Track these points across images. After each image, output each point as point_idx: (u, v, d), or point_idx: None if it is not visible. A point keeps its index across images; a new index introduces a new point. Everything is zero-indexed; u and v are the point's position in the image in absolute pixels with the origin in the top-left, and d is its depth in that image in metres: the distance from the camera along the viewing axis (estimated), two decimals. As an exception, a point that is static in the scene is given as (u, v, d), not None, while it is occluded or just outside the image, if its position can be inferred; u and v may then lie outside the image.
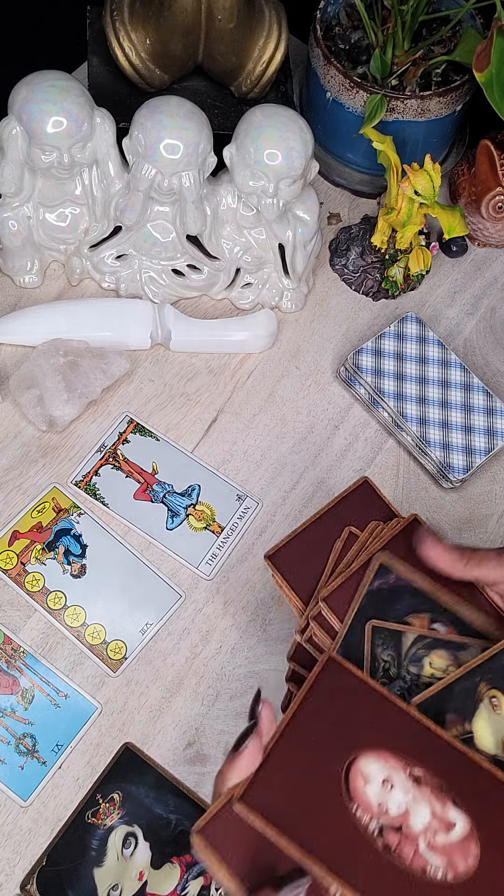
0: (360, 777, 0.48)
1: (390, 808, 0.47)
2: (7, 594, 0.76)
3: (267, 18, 0.90)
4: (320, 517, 0.64)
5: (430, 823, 0.46)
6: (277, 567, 0.61)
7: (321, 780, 0.47)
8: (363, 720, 0.50)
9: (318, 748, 0.49)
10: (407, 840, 0.46)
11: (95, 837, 0.69)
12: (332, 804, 0.46)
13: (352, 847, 0.45)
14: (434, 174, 0.82)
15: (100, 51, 0.94)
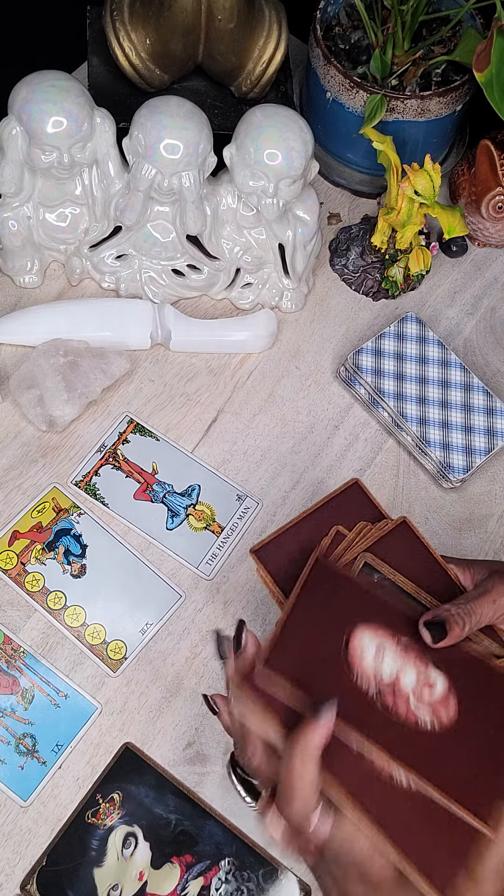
0: (357, 650, 0.56)
1: (384, 673, 0.55)
2: (7, 594, 0.76)
3: (267, 18, 0.90)
4: (309, 515, 0.64)
5: (416, 683, 0.55)
6: (262, 561, 0.62)
7: (325, 658, 0.55)
8: (352, 606, 0.58)
9: (318, 631, 0.56)
10: (400, 698, 0.54)
11: (95, 837, 0.69)
12: (336, 677, 0.54)
13: (359, 710, 0.52)
14: (434, 174, 0.82)
15: (100, 51, 0.94)
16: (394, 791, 0.51)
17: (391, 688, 0.54)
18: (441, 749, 0.53)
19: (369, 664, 0.55)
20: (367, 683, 0.54)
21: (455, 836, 0.50)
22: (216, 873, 0.68)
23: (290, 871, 0.69)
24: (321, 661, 0.54)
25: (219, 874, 0.68)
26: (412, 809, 0.51)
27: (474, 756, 0.53)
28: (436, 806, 0.51)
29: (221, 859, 0.69)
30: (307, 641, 0.55)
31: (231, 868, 0.68)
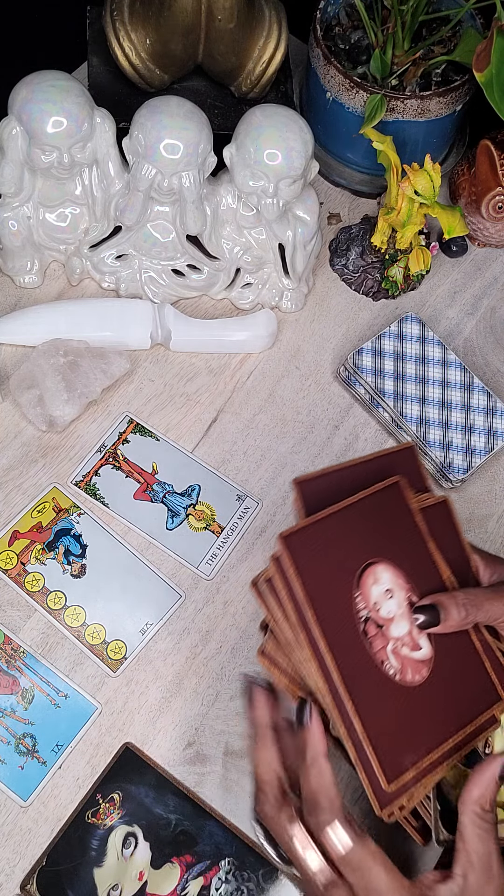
0: (373, 576, 0.58)
1: (381, 609, 0.58)
2: (7, 594, 0.76)
3: (267, 18, 0.90)
4: (358, 464, 0.64)
5: (403, 637, 0.58)
6: (302, 492, 0.62)
7: (345, 561, 0.58)
8: (398, 539, 0.60)
9: (351, 539, 0.58)
10: (381, 637, 0.57)
11: (95, 837, 0.69)
12: (342, 582, 0.57)
13: (342, 619, 0.56)
14: (434, 174, 0.82)
15: (100, 51, 0.94)
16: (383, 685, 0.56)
17: (380, 622, 0.58)
18: (386, 697, 0.56)
19: (375, 594, 0.58)
20: (364, 605, 0.57)
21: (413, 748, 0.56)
22: (216, 873, 0.68)
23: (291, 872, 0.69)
24: (336, 562, 0.57)
25: (219, 874, 0.68)
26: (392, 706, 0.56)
27: (408, 721, 0.57)
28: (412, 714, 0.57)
29: (221, 859, 0.69)
30: (336, 540, 0.58)
31: (231, 868, 0.69)
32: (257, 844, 0.70)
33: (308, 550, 0.56)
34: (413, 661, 0.58)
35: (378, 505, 0.60)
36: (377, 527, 0.60)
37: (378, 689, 0.56)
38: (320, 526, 0.58)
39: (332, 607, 0.56)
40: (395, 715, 0.56)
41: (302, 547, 0.56)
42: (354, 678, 0.55)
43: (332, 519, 0.58)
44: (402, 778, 0.55)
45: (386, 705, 0.56)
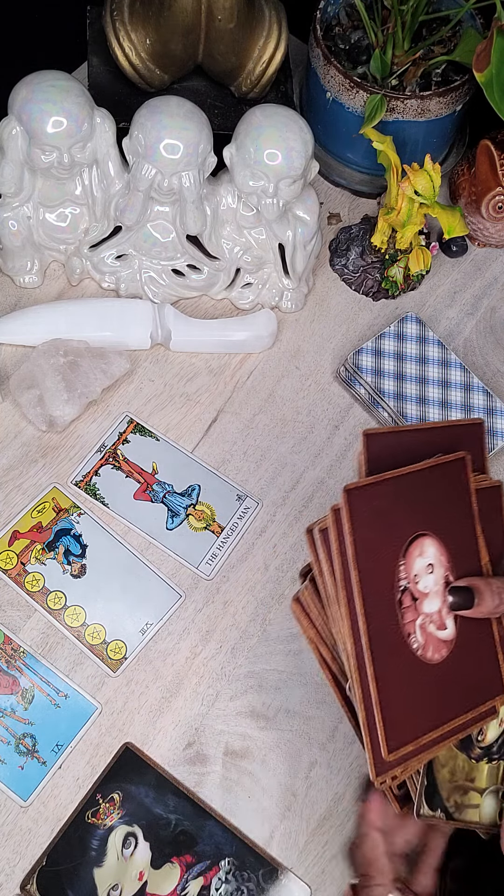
0: (420, 548, 0.59)
1: (420, 583, 0.59)
2: (7, 594, 0.76)
3: (267, 18, 0.90)
4: (427, 429, 0.65)
5: (433, 614, 0.59)
6: (367, 446, 0.62)
7: (397, 527, 0.59)
8: (450, 516, 0.61)
9: (412, 505, 0.59)
10: (413, 610, 0.58)
11: (95, 837, 0.69)
12: (391, 549, 0.58)
13: (383, 585, 0.57)
14: (434, 174, 0.82)
15: (100, 51, 0.94)
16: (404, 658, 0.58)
17: (415, 596, 0.58)
18: (405, 669, 0.57)
19: (418, 566, 0.59)
20: (405, 575, 0.58)
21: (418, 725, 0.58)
22: (216, 873, 0.68)
23: (291, 872, 0.69)
24: (389, 527, 0.58)
25: (219, 874, 0.68)
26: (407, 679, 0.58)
27: (418, 696, 0.58)
28: (427, 694, 0.58)
29: (221, 859, 0.69)
30: (394, 504, 0.59)
31: (231, 868, 0.68)
32: (257, 845, 0.70)
33: (367, 509, 0.57)
34: (436, 640, 0.59)
35: (440, 477, 0.61)
36: (434, 499, 0.61)
37: (399, 661, 0.57)
38: (383, 487, 0.58)
39: (377, 571, 0.57)
40: (408, 688, 0.57)
41: (362, 504, 0.57)
42: (381, 645, 0.56)
43: (395, 482, 0.59)
44: (402, 750, 0.56)
45: (402, 677, 0.57)
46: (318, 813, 0.72)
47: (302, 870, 0.70)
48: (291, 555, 0.81)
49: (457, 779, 0.62)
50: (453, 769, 0.62)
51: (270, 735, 0.74)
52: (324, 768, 0.73)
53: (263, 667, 0.76)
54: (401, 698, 0.57)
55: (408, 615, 0.58)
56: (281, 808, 0.72)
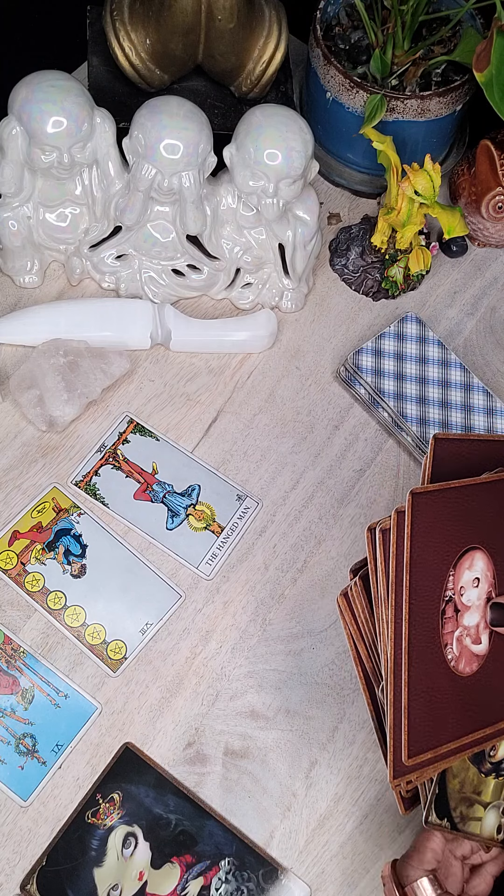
0: (471, 561, 0.60)
1: (465, 596, 0.60)
2: (7, 594, 0.76)
3: (267, 18, 0.90)
4: (496, 441, 0.65)
5: (471, 627, 0.60)
6: (436, 451, 0.63)
7: (454, 538, 0.60)
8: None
9: (470, 517, 0.60)
10: (453, 621, 0.59)
11: (95, 837, 0.69)
12: (444, 558, 0.59)
13: (431, 593, 0.58)
14: (434, 174, 0.82)
15: (100, 51, 0.94)
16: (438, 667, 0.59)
17: (458, 608, 0.60)
18: (436, 678, 0.58)
19: (466, 579, 0.60)
20: (452, 585, 0.60)
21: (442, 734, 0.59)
22: (216, 873, 0.68)
23: (291, 872, 0.69)
24: (447, 536, 0.59)
25: (219, 874, 0.68)
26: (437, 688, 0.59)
27: (445, 706, 0.59)
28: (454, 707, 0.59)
29: (221, 859, 0.69)
30: (455, 514, 0.60)
31: (231, 868, 0.68)
32: (257, 845, 0.70)
33: (429, 515, 0.58)
34: (470, 653, 0.60)
35: (501, 492, 0.62)
36: (493, 514, 0.61)
37: (433, 669, 0.58)
38: (447, 495, 0.59)
39: (428, 579, 0.58)
40: (436, 696, 0.58)
41: (425, 510, 0.58)
42: (419, 652, 0.57)
43: (459, 492, 0.60)
44: (422, 756, 0.57)
45: (433, 686, 0.58)
46: (318, 813, 0.72)
47: (302, 870, 0.70)
48: (291, 555, 0.81)
49: (465, 791, 0.63)
50: (463, 780, 0.63)
51: (270, 735, 0.74)
52: (324, 768, 0.73)
53: (263, 667, 0.76)
54: (428, 706, 0.58)
55: (448, 626, 0.59)
56: (281, 808, 0.72)
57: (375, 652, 0.62)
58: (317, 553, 0.81)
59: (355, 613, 0.62)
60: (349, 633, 0.62)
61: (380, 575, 0.59)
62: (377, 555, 0.59)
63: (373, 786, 0.73)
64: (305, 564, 0.81)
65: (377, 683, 0.62)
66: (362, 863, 0.70)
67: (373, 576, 0.60)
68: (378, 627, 0.60)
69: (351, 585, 0.62)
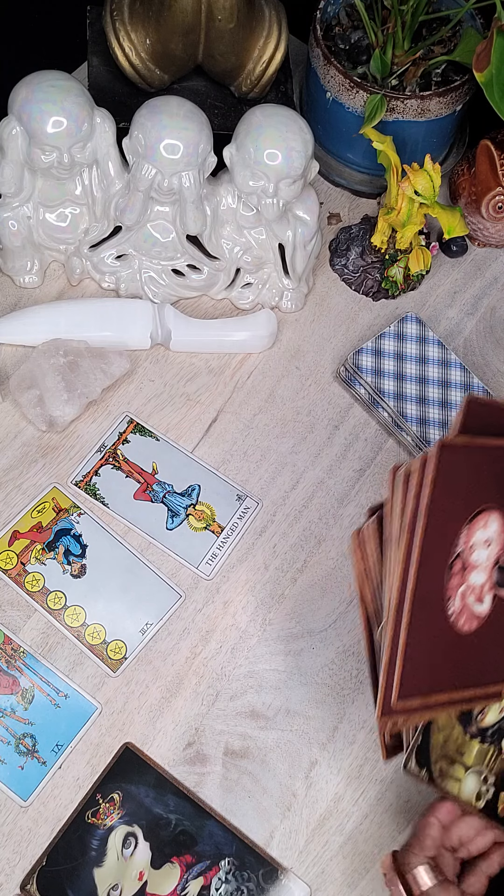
0: (485, 520, 0.61)
1: (474, 554, 0.61)
2: (7, 594, 0.76)
3: (267, 18, 0.90)
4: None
5: (475, 586, 0.61)
6: (468, 410, 0.63)
7: (472, 494, 0.61)
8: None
9: (491, 478, 0.61)
10: (459, 577, 0.60)
11: (95, 837, 0.69)
12: (460, 512, 0.60)
13: (443, 544, 0.60)
14: (434, 174, 0.82)
15: (100, 51, 0.94)
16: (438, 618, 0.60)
17: (466, 564, 0.61)
18: (435, 629, 0.59)
19: (477, 537, 0.61)
20: (464, 541, 0.61)
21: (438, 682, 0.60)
22: (216, 873, 0.68)
23: (291, 872, 0.69)
24: (466, 491, 0.60)
25: (219, 874, 0.68)
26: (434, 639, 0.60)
27: (439, 658, 0.60)
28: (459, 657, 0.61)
29: (221, 859, 0.69)
30: (477, 471, 0.61)
31: (231, 868, 0.69)
32: (257, 845, 0.70)
33: (453, 468, 0.59)
34: (471, 612, 0.61)
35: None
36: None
37: (433, 619, 0.59)
38: (474, 451, 0.60)
39: (441, 529, 0.59)
40: (433, 646, 0.59)
41: (450, 461, 0.59)
42: (423, 598, 0.58)
43: (486, 452, 0.61)
44: (410, 702, 0.58)
45: (431, 635, 0.59)
46: (318, 813, 0.72)
47: (302, 870, 0.70)
48: (291, 555, 0.81)
49: (448, 748, 0.64)
50: (447, 737, 0.64)
51: (270, 735, 0.74)
52: (324, 768, 0.73)
53: (263, 667, 0.76)
54: (424, 654, 0.59)
55: (454, 580, 0.60)
56: (281, 808, 0.72)
57: (380, 593, 0.63)
58: (317, 553, 0.81)
59: (365, 552, 0.63)
60: (358, 571, 0.63)
61: (396, 516, 0.60)
62: (396, 496, 0.60)
63: (373, 786, 0.73)
64: (305, 564, 0.81)
65: (377, 625, 0.63)
66: (362, 863, 0.70)
67: (388, 516, 0.61)
68: (386, 568, 0.61)
69: (366, 524, 0.63)
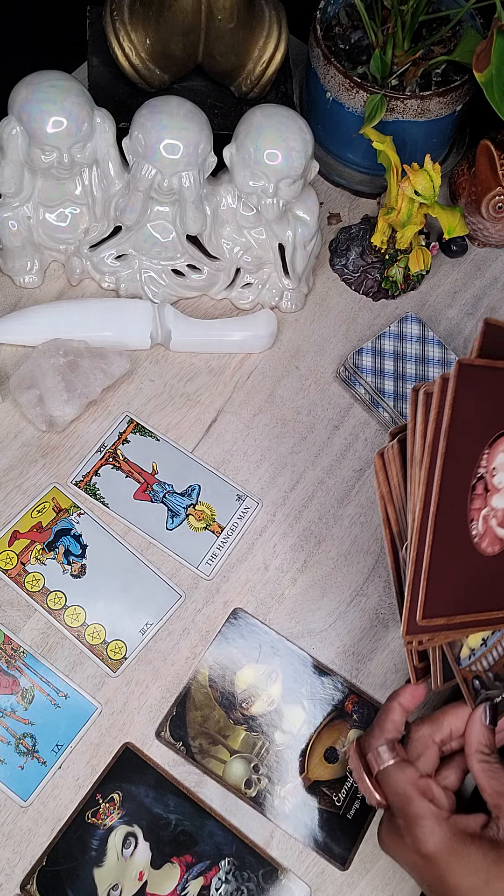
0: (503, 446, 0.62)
1: (496, 477, 0.62)
2: (7, 594, 0.76)
3: (267, 18, 0.90)
4: None
5: (498, 510, 0.62)
6: (486, 334, 0.63)
7: (493, 417, 0.61)
8: None
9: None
10: (481, 499, 0.61)
11: (95, 837, 0.69)
12: (481, 435, 0.61)
13: (464, 464, 0.60)
14: (434, 174, 0.82)
15: (100, 51, 0.94)
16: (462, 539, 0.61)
17: (487, 487, 0.62)
18: (458, 549, 0.60)
19: (499, 461, 0.62)
20: (485, 464, 0.61)
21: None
22: (216, 873, 0.68)
23: (291, 872, 0.69)
24: (486, 413, 0.61)
25: (219, 874, 0.68)
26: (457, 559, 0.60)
27: (463, 579, 0.61)
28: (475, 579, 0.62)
29: (221, 859, 0.69)
30: (498, 395, 0.61)
31: (231, 868, 0.68)
32: (258, 845, 0.70)
33: (473, 388, 0.59)
34: (493, 534, 0.62)
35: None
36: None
37: (456, 539, 0.60)
38: (493, 373, 0.60)
39: (463, 449, 0.59)
40: (456, 567, 0.60)
41: (470, 381, 0.59)
42: (446, 518, 0.59)
43: (488, 377, 0.61)
44: (435, 620, 0.59)
45: (455, 555, 0.60)
46: (318, 813, 0.72)
47: (302, 870, 0.70)
48: (291, 555, 0.81)
49: (208, 727, 0.68)
50: (206, 717, 0.68)
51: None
52: (324, 768, 0.73)
53: (263, 667, 0.76)
54: (447, 573, 0.60)
55: (476, 502, 0.61)
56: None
57: (404, 515, 0.63)
58: (317, 553, 0.81)
59: (388, 474, 0.63)
60: (381, 494, 0.64)
61: (418, 436, 0.60)
62: (417, 416, 0.60)
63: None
64: (305, 564, 0.81)
65: (402, 546, 0.64)
66: (362, 863, 0.70)
67: (411, 436, 0.61)
68: (410, 488, 0.61)
69: (388, 446, 0.63)
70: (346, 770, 0.71)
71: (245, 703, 0.70)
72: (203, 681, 0.73)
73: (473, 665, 0.64)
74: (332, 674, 0.75)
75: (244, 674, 0.74)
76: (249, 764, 0.70)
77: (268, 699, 0.72)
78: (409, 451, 0.62)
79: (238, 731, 0.71)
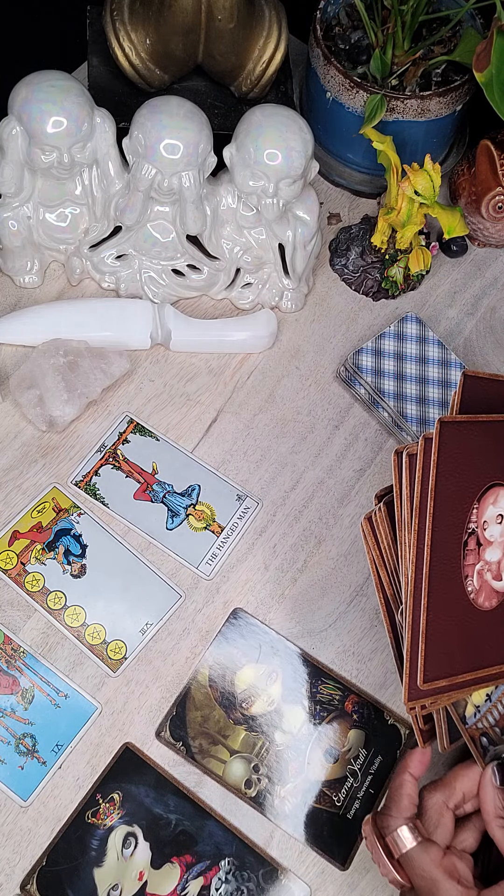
0: (495, 496, 0.62)
1: (487, 530, 0.61)
2: (7, 594, 0.76)
3: (267, 18, 0.90)
4: None
5: (492, 563, 0.61)
6: (465, 387, 0.63)
7: (479, 471, 0.60)
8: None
9: (497, 453, 0.61)
10: (474, 554, 0.60)
11: (95, 837, 0.69)
12: (468, 489, 0.60)
13: (454, 522, 0.59)
14: (434, 174, 0.82)
15: (100, 51, 0.94)
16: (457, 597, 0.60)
17: (480, 542, 0.61)
18: (455, 608, 0.59)
19: (489, 514, 0.61)
20: (475, 518, 0.61)
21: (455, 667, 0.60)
22: (216, 873, 0.68)
23: (291, 872, 0.69)
24: (472, 468, 0.60)
25: (219, 874, 0.68)
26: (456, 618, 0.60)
27: (462, 637, 0.60)
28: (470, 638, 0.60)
29: (221, 859, 0.69)
30: (481, 448, 0.61)
31: (231, 868, 0.68)
32: (258, 845, 0.70)
33: (455, 444, 0.59)
34: (490, 588, 0.61)
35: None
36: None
37: (452, 598, 0.59)
38: (475, 427, 0.60)
39: (451, 508, 0.59)
40: (454, 626, 0.59)
41: (452, 439, 0.58)
42: (440, 578, 0.58)
43: (487, 427, 0.60)
44: (437, 682, 0.58)
45: (452, 614, 0.59)
46: (318, 813, 0.72)
47: (302, 870, 0.70)
48: (291, 555, 0.81)
49: (208, 727, 0.67)
50: (206, 717, 0.67)
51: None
52: (324, 768, 0.73)
53: (263, 667, 0.76)
54: (446, 634, 0.59)
55: (469, 558, 0.60)
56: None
57: (397, 578, 0.63)
58: (317, 553, 0.81)
59: (378, 538, 0.63)
60: (371, 558, 0.63)
61: (404, 499, 0.60)
62: (402, 479, 0.60)
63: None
64: (305, 564, 0.81)
65: (397, 609, 0.63)
66: (362, 863, 0.70)
67: (397, 500, 0.61)
68: (400, 551, 0.61)
69: (375, 510, 0.63)
70: (347, 770, 0.71)
71: (245, 703, 0.70)
72: (203, 681, 0.73)
73: (479, 722, 0.64)
74: (332, 674, 0.75)
75: (244, 674, 0.74)
76: (249, 764, 0.70)
77: (268, 699, 0.72)
78: (398, 515, 0.61)
79: (238, 731, 0.71)
